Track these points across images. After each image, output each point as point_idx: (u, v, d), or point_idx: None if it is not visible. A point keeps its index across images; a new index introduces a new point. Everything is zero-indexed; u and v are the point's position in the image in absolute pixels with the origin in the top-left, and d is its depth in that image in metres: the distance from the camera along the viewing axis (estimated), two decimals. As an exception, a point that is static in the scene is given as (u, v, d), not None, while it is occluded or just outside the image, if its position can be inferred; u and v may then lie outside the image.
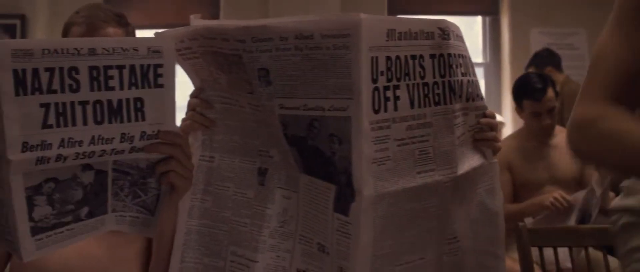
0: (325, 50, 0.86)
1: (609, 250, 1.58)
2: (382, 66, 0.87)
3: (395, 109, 0.89)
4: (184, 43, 1.01)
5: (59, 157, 0.84)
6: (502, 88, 4.52)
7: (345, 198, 0.89)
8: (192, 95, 1.10)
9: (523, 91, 2.36)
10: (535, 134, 2.37)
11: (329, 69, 0.87)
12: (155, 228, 0.99)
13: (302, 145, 0.94)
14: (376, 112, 0.87)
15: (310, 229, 0.98)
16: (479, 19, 4.69)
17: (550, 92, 2.30)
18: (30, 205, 0.85)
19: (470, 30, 4.87)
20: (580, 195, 2.08)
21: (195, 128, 1.09)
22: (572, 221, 2.03)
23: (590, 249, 1.65)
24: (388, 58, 0.87)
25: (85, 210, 0.91)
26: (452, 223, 1.00)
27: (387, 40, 0.87)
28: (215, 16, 4.43)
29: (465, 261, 1.03)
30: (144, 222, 0.98)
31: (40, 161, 0.83)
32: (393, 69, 0.88)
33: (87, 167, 0.90)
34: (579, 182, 2.28)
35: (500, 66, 4.57)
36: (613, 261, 1.70)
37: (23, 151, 0.81)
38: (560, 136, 2.33)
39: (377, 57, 0.86)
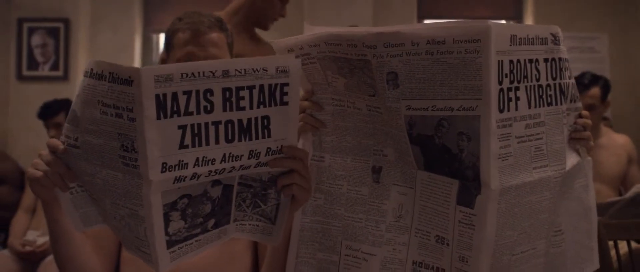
0: (456, 54, 0.91)
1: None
2: (506, 69, 0.93)
3: (516, 108, 0.95)
4: (303, 49, 1.05)
5: (194, 175, 0.87)
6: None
7: (469, 192, 0.97)
8: (303, 99, 1.12)
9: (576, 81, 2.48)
10: None
11: (459, 71, 0.92)
12: (278, 236, 1.02)
13: (427, 143, 1.02)
14: (501, 111, 0.93)
15: (428, 222, 1.05)
16: (503, 23, 4.82)
17: (594, 91, 2.39)
18: (167, 220, 0.89)
19: (495, 34, 5.02)
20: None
21: (306, 130, 1.12)
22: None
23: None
24: (511, 61, 0.93)
25: (211, 222, 0.96)
26: (558, 216, 1.08)
27: (510, 45, 0.93)
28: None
29: (567, 252, 1.11)
30: (264, 230, 1.02)
31: (177, 179, 0.86)
32: (515, 71, 0.94)
33: (216, 182, 0.93)
34: (623, 181, 2.42)
35: (524, 69, 4.70)
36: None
37: (162, 172, 0.84)
38: (606, 136, 2.47)
39: (502, 61, 0.92)
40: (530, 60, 0.97)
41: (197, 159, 0.86)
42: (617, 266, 1.71)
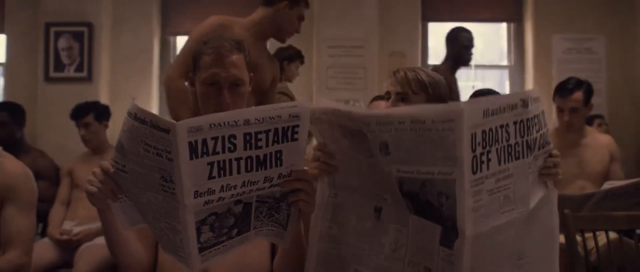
0: (435, 131, 1.06)
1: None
2: (479, 138, 1.06)
3: (488, 168, 1.08)
4: (315, 114, 1.24)
5: (219, 198, 1.09)
6: (525, 89, 4.85)
7: (449, 236, 1.11)
8: (317, 149, 1.31)
9: (557, 88, 2.70)
10: (563, 132, 2.67)
11: (438, 145, 1.06)
12: (288, 239, 1.25)
13: (414, 198, 1.16)
14: (474, 173, 1.06)
15: (418, 255, 1.23)
16: (504, 25, 4.99)
17: (577, 95, 2.57)
18: (198, 233, 1.10)
19: (496, 35, 5.19)
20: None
21: (321, 175, 1.31)
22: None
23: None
24: (483, 131, 1.06)
25: (235, 231, 1.18)
26: (522, 242, 1.25)
27: (483, 118, 1.06)
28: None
29: (531, 270, 1.28)
30: (278, 234, 1.25)
31: (206, 203, 1.08)
32: (487, 138, 1.07)
33: (238, 201, 1.15)
34: (605, 177, 2.63)
35: (523, 69, 4.86)
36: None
37: (195, 198, 1.06)
38: (591, 136, 2.67)
39: (475, 133, 1.05)
40: (501, 126, 1.09)
41: (222, 186, 1.08)
42: (583, 254, 1.93)
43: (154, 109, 4.71)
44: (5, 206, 1.79)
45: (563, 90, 2.62)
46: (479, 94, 2.68)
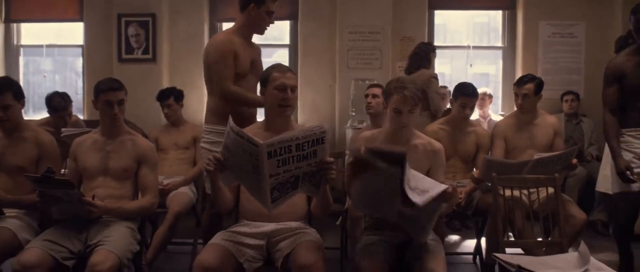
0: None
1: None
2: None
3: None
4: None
5: (282, 177, 2.04)
6: (515, 68, 5.67)
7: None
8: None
9: (517, 80, 3.57)
10: (519, 114, 3.53)
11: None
12: (320, 194, 2.25)
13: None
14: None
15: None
16: (500, 12, 5.80)
17: (529, 86, 3.40)
18: (271, 192, 2.05)
19: (493, 20, 6.03)
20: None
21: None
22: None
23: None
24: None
25: (290, 188, 2.13)
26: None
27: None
28: (294, 11, 5.66)
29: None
30: (314, 192, 2.22)
31: (275, 178, 2.03)
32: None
33: (291, 176, 2.08)
34: (550, 148, 3.53)
35: (515, 50, 5.69)
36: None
37: (269, 177, 2.03)
38: (541, 117, 3.56)
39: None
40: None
41: (284, 170, 2.05)
42: (503, 204, 2.88)
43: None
44: (141, 167, 2.82)
45: (520, 81, 3.52)
46: (461, 86, 3.63)
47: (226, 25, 5.81)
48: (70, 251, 2.51)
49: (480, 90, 5.18)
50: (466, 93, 3.57)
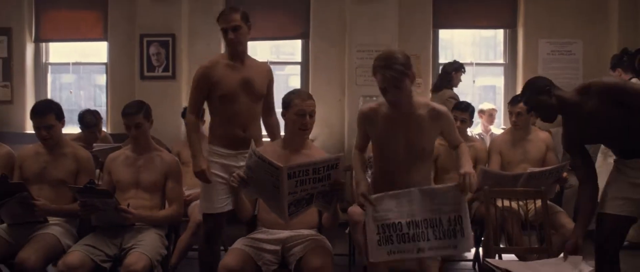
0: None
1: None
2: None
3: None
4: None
5: (299, 194, 2.42)
6: (516, 83, 5.91)
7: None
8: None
9: (510, 99, 3.86)
10: (513, 130, 3.81)
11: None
12: (331, 209, 2.60)
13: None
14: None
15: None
16: (501, 31, 6.08)
17: (521, 105, 3.60)
18: (289, 207, 2.43)
19: (495, 39, 6.31)
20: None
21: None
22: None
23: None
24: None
25: (305, 204, 2.50)
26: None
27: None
28: (306, 31, 5.98)
29: None
30: (325, 207, 2.58)
31: (293, 195, 2.41)
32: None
33: (307, 193, 2.45)
34: (543, 163, 3.80)
35: (515, 67, 5.95)
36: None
37: (288, 195, 2.39)
38: (534, 133, 3.83)
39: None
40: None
41: (301, 190, 2.41)
42: (495, 214, 3.16)
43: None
44: (168, 180, 3.14)
45: (513, 100, 3.81)
46: (461, 104, 3.94)
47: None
48: (106, 255, 2.83)
49: (487, 107, 5.50)
50: (459, 107, 3.91)
